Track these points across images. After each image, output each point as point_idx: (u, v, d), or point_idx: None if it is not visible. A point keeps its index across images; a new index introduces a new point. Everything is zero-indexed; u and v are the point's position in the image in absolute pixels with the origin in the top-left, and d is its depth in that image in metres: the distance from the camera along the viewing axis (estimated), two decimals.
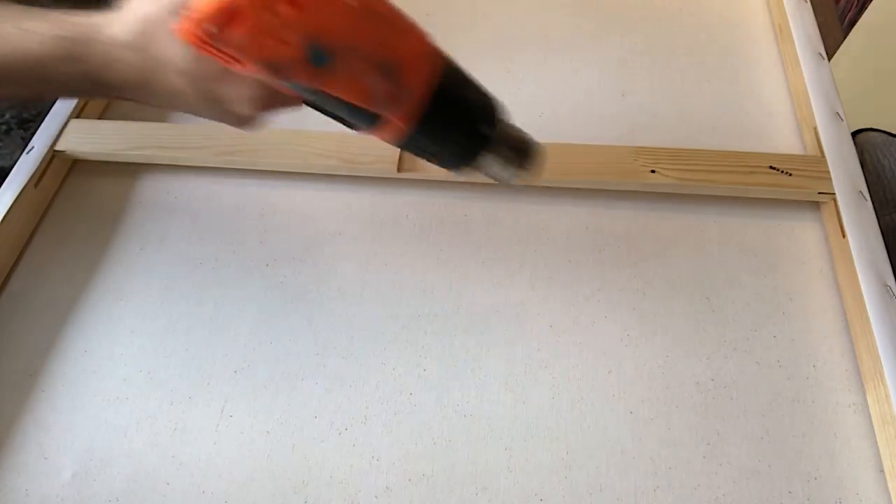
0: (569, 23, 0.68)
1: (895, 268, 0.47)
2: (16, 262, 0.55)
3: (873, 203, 0.50)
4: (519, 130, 0.37)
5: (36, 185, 0.56)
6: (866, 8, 1.13)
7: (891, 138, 0.68)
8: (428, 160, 0.37)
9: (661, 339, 0.47)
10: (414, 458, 0.43)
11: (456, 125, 0.35)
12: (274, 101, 0.35)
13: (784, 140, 0.57)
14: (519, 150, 0.37)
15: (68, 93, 0.35)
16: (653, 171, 0.52)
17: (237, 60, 0.30)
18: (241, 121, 0.36)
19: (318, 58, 0.30)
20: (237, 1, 0.28)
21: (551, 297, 0.49)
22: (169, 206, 0.57)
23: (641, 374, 0.46)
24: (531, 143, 0.37)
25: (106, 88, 0.34)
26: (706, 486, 0.41)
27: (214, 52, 0.29)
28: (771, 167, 0.52)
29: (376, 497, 0.42)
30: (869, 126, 0.70)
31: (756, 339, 0.47)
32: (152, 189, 0.58)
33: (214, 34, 0.28)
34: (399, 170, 0.54)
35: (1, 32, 0.33)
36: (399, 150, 0.55)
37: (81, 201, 0.58)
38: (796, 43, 0.60)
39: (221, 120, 0.36)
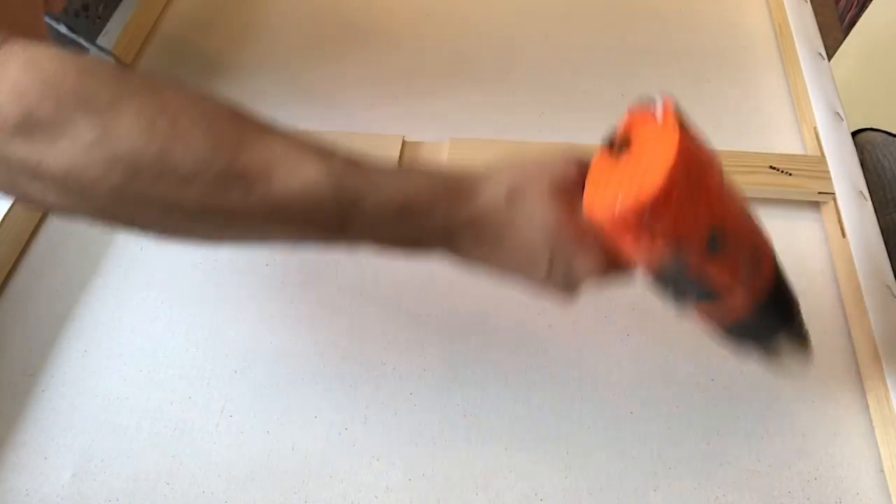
0: (569, 23, 0.68)
1: (895, 268, 0.47)
2: (16, 262, 0.54)
3: (873, 203, 0.50)
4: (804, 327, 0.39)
5: None
6: (866, 8, 1.13)
7: (891, 138, 0.68)
8: (732, 341, 0.39)
9: (661, 339, 0.47)
10: (414, 458, 0.43)
11: (781, 315, 0.37)
12: (613, 274, 0.36)
13: (784, 140, 0.57)
14: (803, 343, 0.39)
15: (410, 242, 0.35)
16: None
17: (647, 241, 0.31)
18: (573, 286, 0.36)
19: (713, 244, 0.32)
20: (672, 195, 0.29)
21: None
22: None
23: (641, 374, 0.46)
24: (809, 337, 0.39)
25: (455, 242, 0.35)
26: (706, 486, 0.41)
27: (631, 232, 0.31)
28: (771, 167, 0.52)
29: (376, 497, 0.42)
30: (869, 126, 0.70)
31: None
32: None
33: (643, 220, 0.30)
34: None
35: (384, 179, 0.34)
36: (399, 150, 0.55)
37: None
38: (796, 43, 0.60)
39: (551, 285, 0.36)
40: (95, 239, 0.55)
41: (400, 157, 0.55)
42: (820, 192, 0.51)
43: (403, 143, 0.56)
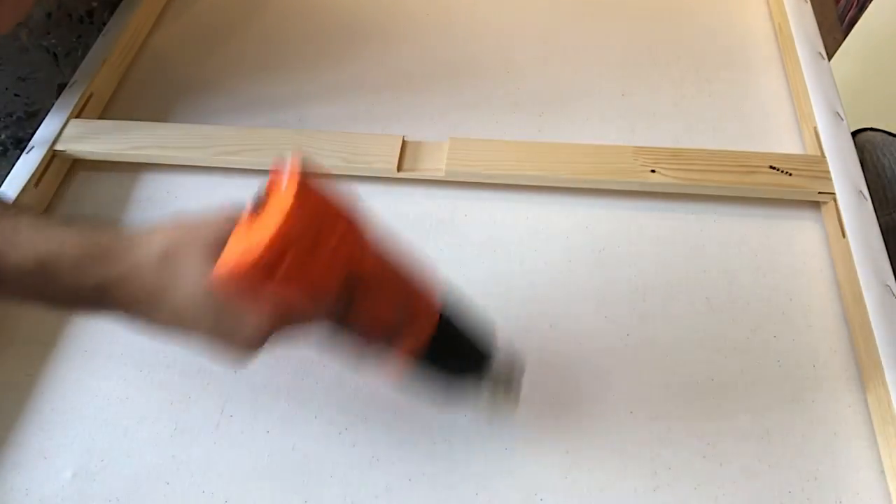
0: (569, 23, 0.68)
1: (895, 268, 0.47)
2: None
3: (873, 203, 0.50)
4: (505, 371, 0.40)
5: (36, 185, 0.56)
6: (866, 8, 1.13)
7: (891, 138, 0.68)
8: (423, 390, 0.41)
9: (661, 339, 0.47)
10: (414, 458, 0.43)
11: (449, 362, 0.39)
12: (285, 329, 0.35)
13: (784, 140, 0.57)
14: (502, 388, 0.41)
15: (66, 302, 0.35)
16: (653, 171, 0.52)
17: (275, 293, 0.31)
18: (246, 345, 0.35)
19: (351, 293, 0.33)
20: (287, 243, 0.29)
21: (551, 297, 0.49)
22: (169, 206, 0.57)
23: (641, 374, 0.46)
24: (514, 378, 0.41)
25: (111, 301, 0.34)
26: (706, 486, 0.41)
27: (257, 285, 0.31)
28: (771, 167, 0.52)
29: (376, 497, 0.42)
30: (869, 126, 0.70)
31: (756, 339, 0.47)
32: (152, 189, 0.58)
33: (264, 272, 0.30)
34: (399, 170, 0.54)
35: (24, 236, 0.33)
36: (399, 149, 0.55)
37: (81, 201, 0.58)
38: (796, 43, 0.60)
39: (223, 343, 0.35)
40: None
41: (400, 156, 0.55)
42: (820, 192, 0.51)
43: (403, 142, 0.56)
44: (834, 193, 0.50)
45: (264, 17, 0.72)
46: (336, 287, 0.32)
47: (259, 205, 0.32)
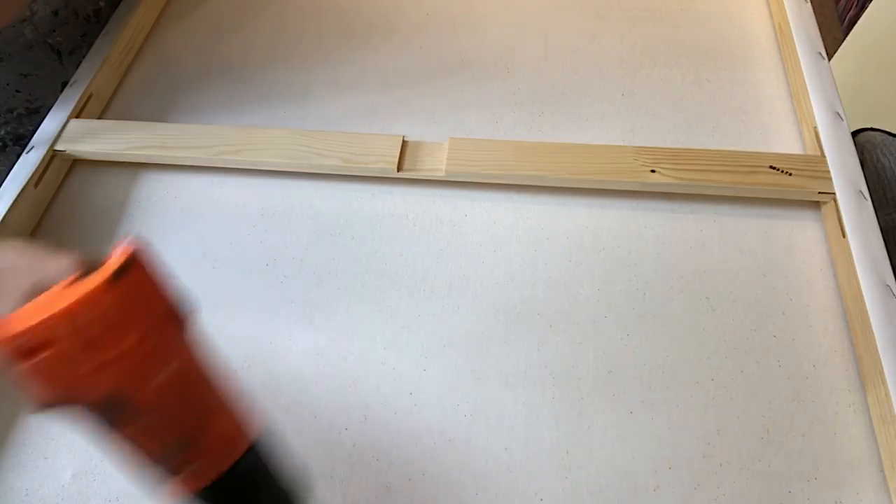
0: (569, 23, 0.68)
1: (895, 268, 0.47)
2: None
3: (873, 203, 0.50)
4: None
5: (36, 185, 0.56)
6: (866, 8, 1.13)
7: (891, 138, 0.68)
8: None
9: (661, 339, 0.47)
10: (414, 458, 0.43)
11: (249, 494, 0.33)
12: (46, 405, 0.31)
13: (784, 140, 0.57)
14: None
15: None
16: (653, 171, 0.52)
17: (26, 378, 0.28)
18: (30, 406, 0.32)
19: (116, 409, 0.29)
20: (62, 330, 0.27)
21: (551, 297, 0.49)
22: (169, 206, 0.57)
23: (641, 374, 0.46)
24: None
25: None
26: (706, 486, 0.41)
27: (14, 360, 0.27)
28: (771, 167, 0.52)
29: (376, 497, 0.42)
30: (869, 126, 0.70)
31: (756, 339, 0.47)
32: (152, 189, 0.58)
33: (17, 350, 0.27)
34: (399, 170, 0.54)
35: None
36: (399, 149, 0.55)
37: (81, 201, 0.58)
38: (796, 43, 0.60)
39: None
40: (95, 239, 0.55)
41: (400, 156, 0.55)
42: (820, 192, 0.51)
43: (403, 142, 0.56)
44: (834, 193, 0.50)
45: (265, 17, 0.72)
46: (94, 399, 0.28)
47: (84, 273, 0.28)
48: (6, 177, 0.57)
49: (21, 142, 0.64)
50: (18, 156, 0.58)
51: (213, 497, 0.32)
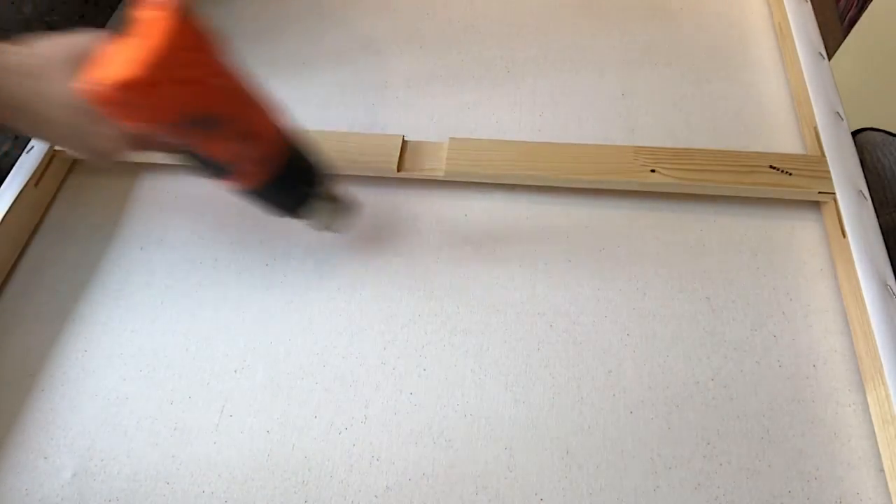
0: (569, 23, 0.68)
1: (895, 268, 0.47)
2: (16, 262, 0.55)
3: (873, 202, 0.50)
4: (337, 192, 0.46)
5: (36, 184, 0.56)
6: (866, 8, 1.13)
7: (891, 138, 0.68)
8: (262, 208, 0.44)
9: (661, 339, 0.47)
10: (414, 458, 0.43)
11: (292, 186, 0.43)
12: (140, 145, 0.40)
13: (784, 140, 0.57)
14: (335, 208, 0.47)
15: None
16: (653, 171, 0.52)
17: (131, 119, 0.33)
18: (102, 156, 0.40)
19: (205, 124, 0.35)
20: (140, 75, 0.31)
21: (551, 297, 0.49)
22: (169, 206, 0.57)
23: (641, 374, 0.46)
24: (345, 202, 0.47)
25: None
26: (706, 486, 0.41)
27: (110, 108, 0.32)
28: (771, 167, 0.52)
29: (376, 497, 0.42)
30: (869, 126, 0.70)
31: (756, 339, 0.47)
32: (152, 189, 0.58)
33: (116, 98, 0.32)
34: (399, 170, 0.54)
35: None
36: (399, 149, 0.55)
37: (81, 201, 0.58)
38: (796, 42, 0.60)
39: (82, 151, 0.40)
40: (95, 239, 0.55)
41: (400, 156, 0.55)
42: (820, 192, 0.51)
43: (403, 142, 0.56)
44: (834, 193, 0.50)
45: (264, 17, 0.72)
46: (198, 114, 0.34)
47: (128, 26, 0.33)
48: (7, 170, 0.57)
49: (7, 141, 0.65)
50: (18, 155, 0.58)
51: (277, 181, 0.40)
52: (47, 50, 0.37)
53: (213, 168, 0.39)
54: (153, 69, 0.31)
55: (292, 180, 0.42)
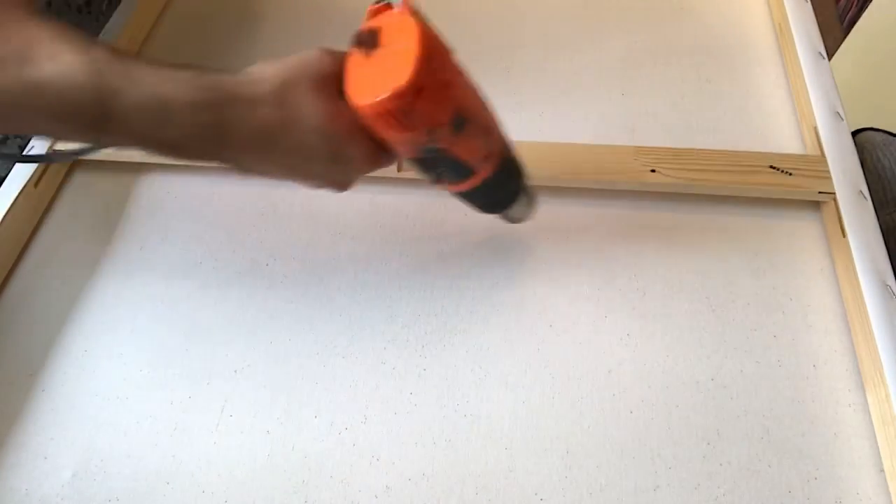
0: (569, 23, 0.68)
1: (895, 267, 0.47)
2: (16, 262, 0.55)
3: (873, 202, 0.50)
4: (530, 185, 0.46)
5: (36, 185, 0.56)
6: (866, 8, 1.13)
7: (891, 138, 0.68)
8: (475, 207, 0.45)
9: (661, 339, 0.47)
10: (414, 458, 0.43)
11: (511, 179, 0.43)
12: (381, 161, 0.39)
13: (784, 140, 0.57)
14: (531, 199, 0.47)
15: (177, 145, 0.35)
16: (653, 171, 0.52)
17: (406, 127, 0.34)
18: (347, 180, 0.39)
19: (459, 125, 0.35)
20: (423, 81, 0.32)
21: (551, 297, 0.49)
22: (169, 206, 0.57)
23: (641, 374, 0.46)
24: (535, 192, 0.47)
25: (226, 142, 0.35)
26: (706, 486, 0.41)
27: (391, 120, 0.33)
28: (771, 167, 0.52)
29: (376, 497, 0.42)
30: (869, 126, 0.70)
31: (756, 339, 0.47)
32: (152, 189, 0.58)
33: (401, 108, 0.32)
34: (399, 170, 0.54)
35: (144, 75, 0.33)
36: None
37: (81, 201, 0.58)
38: (796, 42, 0.60)
39: (326, 178, 0.38)
40: (95, 239, 0.55)
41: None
42: (820, 192, 0.51)
43: None
44: (834, 193, 0.50)
45: (264, 18, 0.72)
46: (452, 116, 0.34)
47: (368, 41, 0.34)
48: (6, 177, 0.57)
49: (17, 138, 0.64)
50: (20, 147, 0.58)
51: (502, 170, 0.41)
52: (293, 71, 0.35)
53: (457, 170, 0.39)
54: (422, 73, 0.31)
55: (508, 173, 0.42)
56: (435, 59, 0.33)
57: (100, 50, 0.33)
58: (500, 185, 0.42)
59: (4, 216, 0.53)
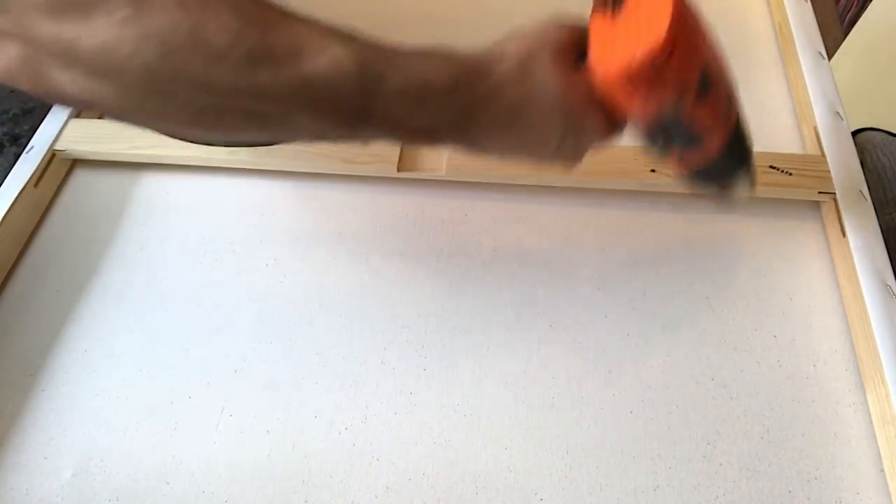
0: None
1: (895, 267, 0.47)
2: (16, 262, 0.54)
3: (873, 202, 0.50)
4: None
5: (36, 185, 0.56)
6: (866, 8, 1.13)
7: (891, 138, 0.68)
8: (700, 185, 0.42)
9: (661, 339, 0.47)
10: (414, 458, 0.43)
11: (743, 150, 0.40)
12: (612, 133, 0.38)
13: (784, 140, 0.57)
14: (751, 174, 0.42)
15: (424, 130, 0.35)
16: (653, 171, 0.52)
17: (656, 89, 0.32)
18: (578, 154, 0.38)
19: (704, 86, 0.34)
20: (677, 37, 0.30)
21: (551, 297, 0.49)
22: (169, 206, 0.57)
23: (641, 374, 0.46)
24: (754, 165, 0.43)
25: (472, 123, 0.34)
26: (706, 486, 0.41)
27: (643, 81, 0.32)
28: (771, 167, 0.52)
29: (376, 497, 0.42)
30: (869, 125, 0.70)
31: (756, 339, 0.47)
32: (152, 189, 0.58)
33: (655, 66, 0.31)
34: (399, 170, 0.54)
35: (406, 60, 0.33)
36: (399, 149, 0.55)
37: (81, 201, 0.58)
38: (796, 42, 0.60)
39: (560, 152, 0.37)
40: (95, 239, 0.55)
41: (400, 156, 0.55)
42: (820, 192, 0.51)
43: None
44: (834, 193, 0.50)
45: None
46: (699, 77, 0.33)
47: (612, 3, 0.33)
48: (6, 177, 0.57)
49: (17, 142, 0.64)
50: (16, 156, 0.58)
51: (734, 143, 0.38)
52: (533, 43, 0.35)
53: (691, 140, 0.37)
54: (676, 28, 0.30)
55: (739, 141, 0.40)
56: (687, 15, 0.31)
57: (360, 42, 0.33)
58: (730, 155, 0.40)
59: (4, 216, 0.53)
